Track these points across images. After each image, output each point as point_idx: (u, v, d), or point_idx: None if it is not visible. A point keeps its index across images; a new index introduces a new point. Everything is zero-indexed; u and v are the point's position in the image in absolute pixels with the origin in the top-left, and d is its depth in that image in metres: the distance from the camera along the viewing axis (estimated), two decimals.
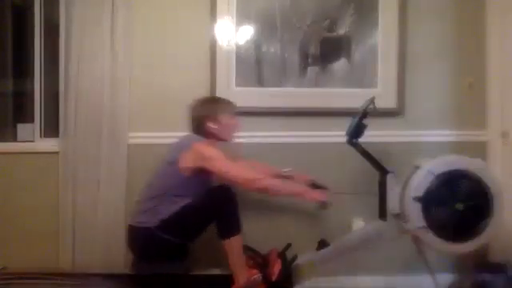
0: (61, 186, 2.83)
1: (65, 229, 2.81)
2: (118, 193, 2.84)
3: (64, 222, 2.81)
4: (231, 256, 2.40)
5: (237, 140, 2.68)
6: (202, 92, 2.90)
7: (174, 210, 2.40)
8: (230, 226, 2.40)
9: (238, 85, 2.94)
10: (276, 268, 2.44)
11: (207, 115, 2.57)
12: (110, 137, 2.82)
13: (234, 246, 2.40)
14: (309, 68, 2.99)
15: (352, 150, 2.50)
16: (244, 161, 2.68)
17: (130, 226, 2.52)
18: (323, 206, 2.51)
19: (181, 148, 2.51)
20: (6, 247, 2.82)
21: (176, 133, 2.87)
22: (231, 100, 2.66)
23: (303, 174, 2.72)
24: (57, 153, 2.85)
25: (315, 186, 2.62)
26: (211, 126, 2.56)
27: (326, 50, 2.99)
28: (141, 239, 2.45)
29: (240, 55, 2.94)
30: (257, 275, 2.43)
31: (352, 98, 2.85)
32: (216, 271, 2.75)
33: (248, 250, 2.52)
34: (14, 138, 3.05)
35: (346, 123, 2.53)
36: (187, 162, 2.44)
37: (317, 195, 2.49)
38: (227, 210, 2.39)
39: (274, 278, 2.41)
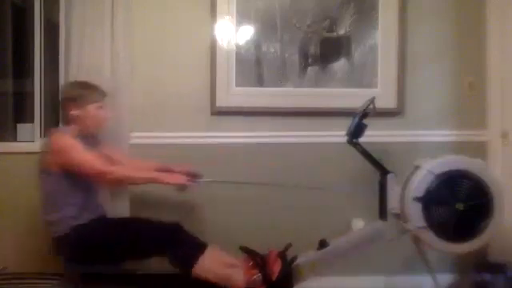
0: None
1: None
2: (119, 192, 2.83)
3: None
4: (209, 277, 2.29)
5: (103, 132, 2.62)
6: (202, 92, 2.91)
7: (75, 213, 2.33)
8: (188, 255, 2.28)
9: (238, 85, 2.94)
10: (276, 268, 2.43)
11: (72, 101, 2.43)
12: (110, 137, 2.81)
13: (203, 268, 2.29)
14: (309, 68, 2.99)
15: (352, 149, 2.50)
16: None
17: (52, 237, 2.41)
18: (181, 188, 2.51)
19: (43, 146, 2.41)
20: (5, 247, 2.82)
21: (176, 133, 2.89)
22: (100, 87, 2.54)
23: (181, 164, 2.61)
24: None
25: (189, 174, 2.55)
26: (74, 113, 2.42)
27: (326, 50, 2.99)
28: (65, 247, 2.37)
29: (240, 55, 2.94)
30: (256, 275, 2.43)
31: (352, 97, 2.84)
32: None
33: (248, 250, 2.52)
34: (14, 138, 3.05)
35: (346, 123, 2.53)
36: (51, 157, 2.33)
37: (171, 178, 2.41)
38: (178, 243, 2.30)
39: (273, 278, 2.40)
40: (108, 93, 2.56)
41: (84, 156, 2.31)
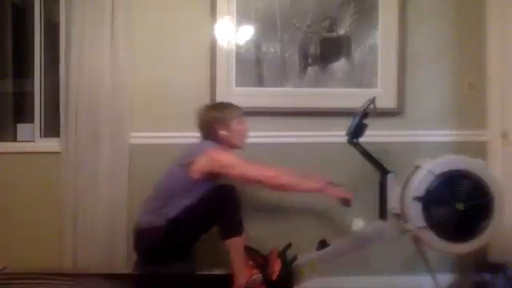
0: (61, 187, 2.83)
1: (66, 229, 2.81)
2: (120, 193, 2.84)
3: (65, 222, 2.81)
4: (233, 256, 2.40)
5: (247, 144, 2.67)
6: (203, 92, 2.90)
7: (180, 211, 2.40)
8: (233, 227, 2.39)
9: (238, 85, 2.94)
10: (276, 268, 2.43)
11: (217, 122, 2.56)
12: (111, 137, 2.82)
13: (235, 246, 2.40)
14: (309, 68, 2.99)
15: (352, 149, 2.51)
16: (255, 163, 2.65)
17: (136, 226, 2.51)
18: (346, 203, 2.51)
19: (195, 152, 2.49)
20: (6, 247, 2.82)
21: (176, 133, 2.89)
22: (236, 104, 2.66)
23: (315, 174, 2.64)
24: (57, 153, 2.85)
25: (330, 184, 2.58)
26: (222, 132, 2.55)
27: (326, 50, 2.99)
28: (146, 239, 2.45)
29: (240, 55, 2.94)
30: (257, 275, 2.43)
31: (352, 97, 2.85)
32: (217, 271, 2.75)
33: (248, 249, 2.52)
34: (14, 138, 3.05)
35: (346, 123, 2.53)
36: (201, 166, 2.43)
37: (339, 192, 2.49)
38: (230, 210, 2.39)
39: (274, 278, 2.41)
40: (241, 108, 2.66)
41: (250, 166, 2.47)
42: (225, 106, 2.64)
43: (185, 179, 2.45)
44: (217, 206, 2.39)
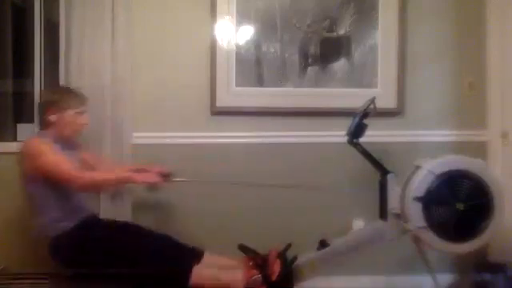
0: None
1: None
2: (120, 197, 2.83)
3: None
4: (210, 285, 2.31)
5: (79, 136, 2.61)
6: (203, 92, 2.90)
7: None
8: (181, 272, 2.29)
9: (238, 85, 2.93)
10: (276, 268, 2.42)
11: (51, 104, 2.42)
12: (111, 137, 2.82)
13: (201, 277, 2.31)
14: (309, 68, 2.99)
15: (352, 149, 2.50)
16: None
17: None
18: (153, 187, 2.52)
19: (20, 150, 2.41)
20: (6, 247, 2.82)
21: (176, 133, 2.88)
22: (81, 93, 2.52)
23: (155, 166, 2.59)
24: None
25: (162, 173, 2.55)
26: (51, 116, 2.41)
27: (326, 50, 2.99)
28: (54, 249, 2.38)
29: (240, 55, 2.94)
30: (256, 276, 2.43)
31: (352, 97, 2.84)
32: None
33: (247, 250, 2.52)
34: (14, 138, 3.04)
35: (346, 123, 2.53)
36: (26, 162, 2.35)
37: (143, 177, 2.42)
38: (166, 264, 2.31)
39: (274, 278, 2.40)
40: (87, 98, 2.54)
41: (55, 161, 2.30)
42: (67, 91, 2.50)
43: (26, 182, 2.38)
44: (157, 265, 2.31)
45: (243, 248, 2.49)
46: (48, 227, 2.37)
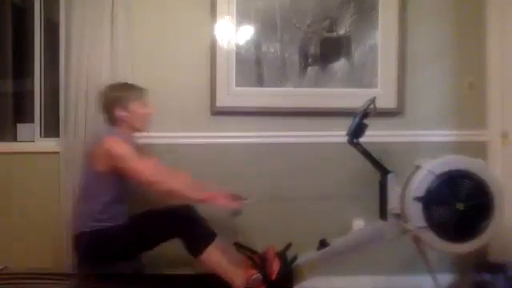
0: (61, 186, 2.83)
1: (65, 228, 2.80)
2: None
3: (64, 222, 2.81)
4: (214, 267, 2.36)
5: (147, 131, 2.62)
6: (203, 92, 2.90)
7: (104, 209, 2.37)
8: (199, 241, 2.34)
9: (238, 85, 2.93)
10: (275, 267, 2.42)
11: (117, 102, 2.45)
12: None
13: (211, 256, 2.35)
14: (309, 68, 2.99)
15: (352, 149, 2.50)
16: (153, 160, 2.57)
17: (73, 231, 2.47)
18: (235, 212, 2.50)
19: (94, 141, 2.43)
20: (5, 247, 2.82)
21: (176, 133, 2.88)
22: (138, 86, 2.56)
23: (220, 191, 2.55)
24: (57, 153, 2.84)
25: (230, 195, 2.54)
26: (121, 113, 2.46)
27: (326, 50, 2.99)
28: (84, 244, 2.40)
29: (240, 55, 2.94)
30: (256, 275, 2.43)
31: (352, 97, 2.85)
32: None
33: (246, 249, 2.52)
34: (14, 138, 3.05)
35: (346, 123, 2.53)
36: (100, 157, 2.36)
37: (228, 202, 2.42)
38: (190, 230, 2.34)
39: (273, 277, 2.40)
40: (147, 89, 2.57)
41: (139, 165, 2.36)
42: (128, 87, 2.54)
43: (92, 173, 2.39)
44: (174, 230, 2.34)
45: (238, 246, 2.49)
46: (90, 221, 2.37)
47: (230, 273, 2.38)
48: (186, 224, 2.35)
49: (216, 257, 2.37)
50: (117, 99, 2.46)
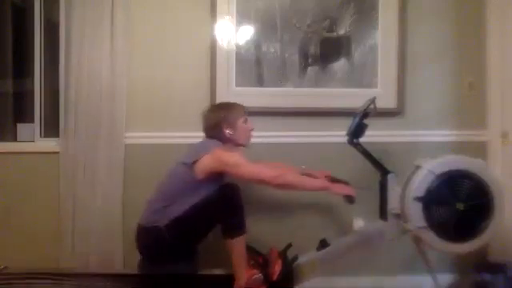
0: (61, 186, 2.83)
1: (65, 228, 2.81)
2: (116, 193, 2.84)
3: (64, 222, 2.81)
4: (234, 256, 2.40)
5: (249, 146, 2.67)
6: (203, 92, 2.90)
7: (184, 210, 2.39)
8: (235, 226, 2.39)
9: (238, 85, 2.94)
10: (277, 268, 2.43)
11: (224, 121, 2.55)
12: (107, 137, 2.82)
13: (237, 246, 2.40)
14: (309, 68, 2.99)
15: (352, 149, 2.50)
16: (261, 162, 2.64)
17: (139, 226, 2.49)
18: (350, 199, 2.50)
19: (199, 151, 2.48)
20: (6, 247, 2.82)
21: (176, 133, 2.88)
22: (241, 103, 2.64)
23: (321, 171, 2.70)
24: (57, 153, 2.85)
25: (335, 180, 2.59)
26: (228, 131, 2.55)
27: (326, 50, 2.99)
28: (150, 239, 2.44)
29: (240, 55, 2.94)
30: (257, 275, 2.43)
31: (352, 97, 2.85)
32: (217, 271, 2.75)
33: (248, 249, 2.52)
34: (14, 138, 3.05)
35: (346, 123, 2.53)
36: (206, 166, 2.42)
37: (344, 189, 2.50)
38: (233, 210, 2.38)
39: (274, 278, 2.41)
40: (245, 107, 2.65)
41: (254, 168, 2.46)
42: (231, 106, 2.63)
43: (189, 179, 2.43)
44: (220, 205, 2.39)
45: (246, 247, 2.49)
46: (165, 217, 2.40)
47: (241, 270, 2.41)
48: (231, 205, 2.39)
49: (241, 248, 2.42)
50: (223, 119, 2.55)
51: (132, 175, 2.87)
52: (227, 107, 2.62)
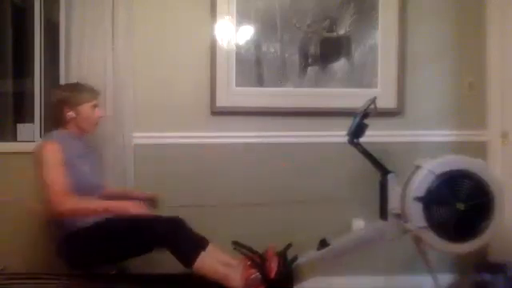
0: None
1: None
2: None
3: None
4: (209, 275, 2.27)
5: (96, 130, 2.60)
6: (203, 92, 2.90)
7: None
8: (189, 253, 2.26)
9: (238, 85, 2.93)
10: (274, 265, 2.41)
11: (66, 103, 2.43)
12: (112, 137, 2.82)
13: (204, 263, 2.27)
14: (309, 68, 2.99)
15: (352, 149, 2.50)
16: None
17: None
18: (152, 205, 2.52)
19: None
20: (5, 247, 2.82)
21: (176, 133, 2.88)
22: (92, 87, 2.55)
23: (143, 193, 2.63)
24: None
25: (149, 199, 2.57)
26: (70, 114, 2.43)
27: (326, 50, 2.99)
28: (65, 248, 2.37)
29: (240, 55, 2.94)
30: (255, 275, 2.42)
31: (352, 97, 2.85)
32: None
33: (246, 249, 2.51)
34: (14, 138, 3.04)
35: (346, 123, 2.53)
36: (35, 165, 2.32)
37: (133, 209, 2.26)
38: (181, 243, 2.27)
39: (271, 276, 2.39)
40: (100, 92, 2.57)
41: (52, 176, 2.25)
42: (78, 87, 2.51)
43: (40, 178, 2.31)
44: (159, 243, 2.27)
45: (237, 245, 2.48)
46: (63, 225, 2.34)
47: (227, 276, 2.30)
48: (170, 237, 2.26)
49: (210, 264, 2.29)
50: (66, 99, 2.43)
51: (132, 175, 2.86)
52: (74, 87, 2.51)
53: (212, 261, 2.31)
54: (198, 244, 2.33)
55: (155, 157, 2.85)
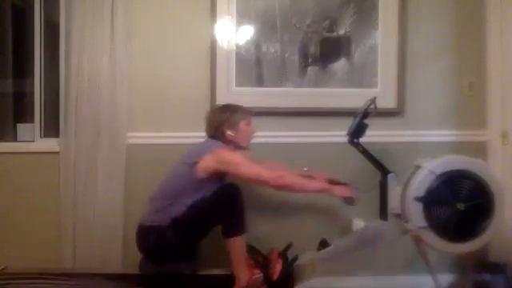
0: (61, 186, 2.83)
1: (65, 229, 2.81)
2: (117, 193, 2.84)
3: (64, 222, 2.81)
4: (234, 255, 2.41)
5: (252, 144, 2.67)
6: (203, 92, 2.90)
7: (184, 210, 2.40)
8: (235, 226, 2.40)
9: (238, 85, 2.94)
10: (277, 268, 2.43)
11: (226, 123, 2.56)
12: (108, 137, 2.82)
13: (237, 245, 2.41)
14: (309, 68, 2.99)
15: (352, 149, 2.51)
16: (263, 163, 2.63)
17: (140, 225, 2.48)
18: (350, 201, 2.50)
19: (201, 151, 2.49)
20: (6, 247, 2.82)
21: (176, 133, 2.88)
22: (242, 106, 2.65)
23: (322, 172, 2.70)
24: (57, 153, 2.85)
25: (335, 183, 2.58)
26: (230, 133, 2.56)
27: (326, 50, 2.99)
28: (151, 238, 2.43)
29: (240, 55, 2.94)
30: (258, 275, 2.43)
31: (352, 97, 2.85)
32: (217, 271, 2.75)
33: (249, 249, 2.52)
34: (14, 138, 3.05)
35: (346, 123, 2.53)
36: (208, 165, 2.43)
37: (343, 191, 2.49)
38: (233, 209, 2.39)
39: (275, 278, 2.41)
40: (252, 111, 2.68)
41: (256, 167, 2.48)
42: (235, 108, 2.64)
43: (191, 178, 2.44)
44: (221, 204, 2.39)
45: (247, 247, 2.49)
46: (166, 216, 2.40)
47: (241, 269, 2.42)
48: (232, 205, 2.41)
49: (241, 248, 2.43)
50: (226, 120, 2.57)
51: (132, 175, 2.87)
52: (231, 109, 2.62)
53: (243, 247, 2.44)
54: (244, 226, 2.43)
55: (154, 157, 2.85)
